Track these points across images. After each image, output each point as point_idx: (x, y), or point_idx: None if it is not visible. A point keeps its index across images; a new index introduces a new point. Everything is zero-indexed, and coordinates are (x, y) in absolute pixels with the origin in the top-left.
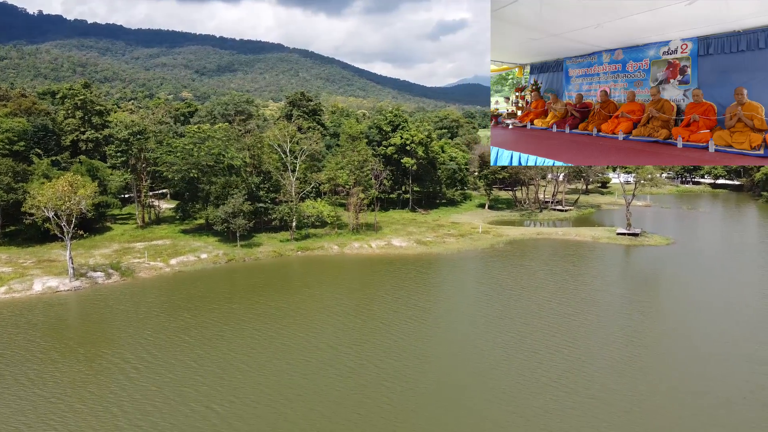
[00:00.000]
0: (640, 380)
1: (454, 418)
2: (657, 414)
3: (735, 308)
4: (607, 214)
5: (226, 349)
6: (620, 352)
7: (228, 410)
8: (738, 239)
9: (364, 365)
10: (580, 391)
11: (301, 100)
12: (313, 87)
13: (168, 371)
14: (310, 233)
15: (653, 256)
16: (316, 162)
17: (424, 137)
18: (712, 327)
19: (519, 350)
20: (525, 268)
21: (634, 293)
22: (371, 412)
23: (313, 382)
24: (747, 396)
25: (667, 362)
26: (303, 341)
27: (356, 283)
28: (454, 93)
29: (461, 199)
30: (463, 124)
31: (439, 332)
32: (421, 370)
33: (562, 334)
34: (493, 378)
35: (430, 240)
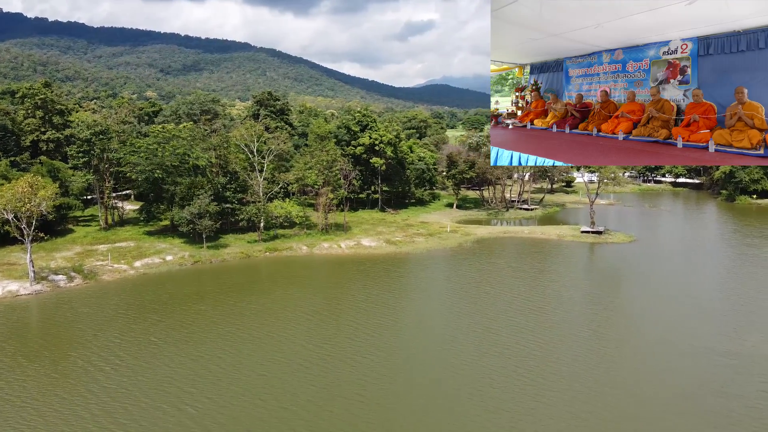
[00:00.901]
0: (605, 372)
1: (427, 411)
2: (620, 404)
3: (695, 302)
4: (571, 212)
5: (198, 349)
6: (586, 345)
7: (203, 411)
8: (698, 236)
9: (336, 363)
10: (549, 383)
11: (269, 99)
12: (281, 86)
13: (138, 373)
14: (279, 234)
15: (616, 254)
16: (284, 162)
17: (393, 137)
18: (673, 320)
19: (489, 345)
20: (493, 266)
21: (599, 289)
22: (344, 408)
23: (286, 380)
24: (708, 386)
25: (630, 354)
26: (274, 341)
27: (326, 283)
28: (422, 94)
29: (430, 199)
30: (432, 124)
31: (410, 329)
32: (394, 366)
33: (530, 328)
34: (465, 372)
35: (399, 239)
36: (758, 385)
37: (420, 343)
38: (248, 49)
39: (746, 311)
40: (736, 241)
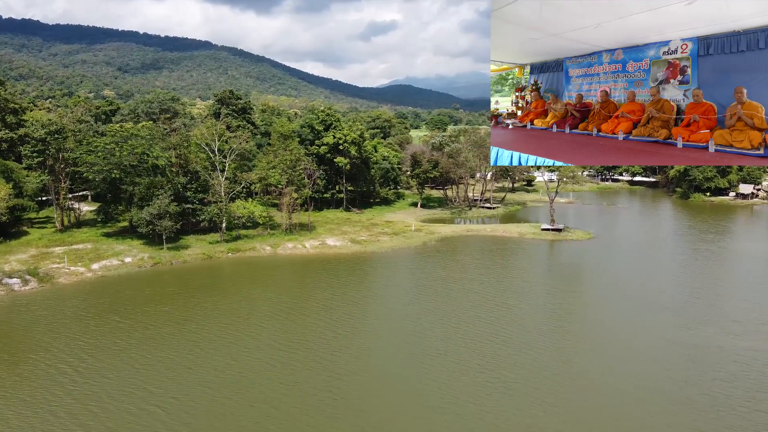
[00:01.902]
0: (568, 364)
1: (396, 405)
2: (583, 394)
3: (653, 296)
4: (532, 210)
5: (162, 350)
6: (549, 338)
7: (170, 411)
8: (654, 232)
9: (303, 361)
10: (514, 375)
11: (230, 98)
12: (243, 85)
13: (102, 375)
14: (241, 234)
15: (576, 250)
16: (246, 161)
17: (357, 137)
18: (632, 314)
19: (456, 339)
20: (457, 264)
21: (560, 284)
22: (313, 405)
23: (254, 379)
24: (667, 375)
25: (591, 347)
26: (241, 341)
27: (291, 283)
28: (386, 93)
29: (394, 198)
30: (396, 124)
31: (377, 326)
32: (362, 362)
33: (495, 323)
34: (433, 366)
35: (364, 239)
36: (714, 374)
37: (387, 340)
38: (209, 48)
39: (702, 304)
40: (691, 237)
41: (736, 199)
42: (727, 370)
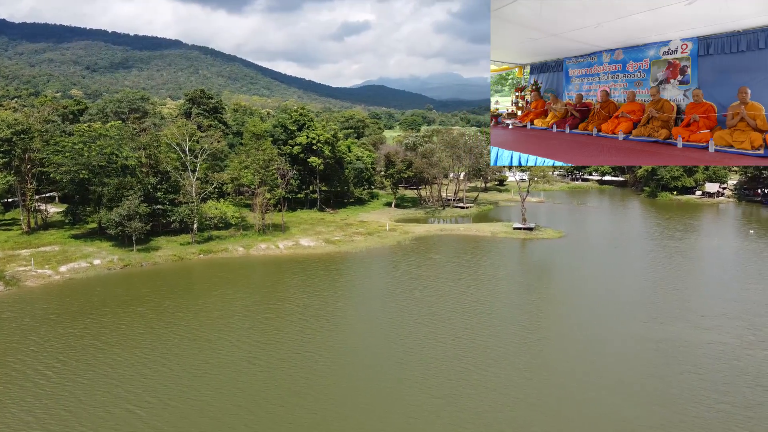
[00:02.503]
0: (541, 358)
1: (373, 399)
2: (557, 387)
3: (623, 292)
4: (504, 210)
5: (138, 351)
6: (522, 334)
7: (151, 411)
8: (623, 230)
9: (280, 360)
10: (489, 369)
11: (202, 97)
12: (215, 85)
13: (79, 377)
14: (213, 235)
15: (547, 248)
16: (218, 161)
17: (331, 137)
18: (602, 309)
19: (432, 335)
20: (432, 262)
21: (532, 282)
22: (293, 403)
23: (232, 377)
24: (637, 368)
25: (564, 341)
26: (216, 340)
27: (265, 284)
28: (359, 94)
29: (369, 198)
30: (369, 124)
31: (352, 325)
32: (338, 360)
33: (470, 319)
34: (409, 362)
35: (338, 239)
36: (682, 367)
37: (364, 338)
38: (179, 47)
39: (670, 300)
40: (659, 235)
41: (702, 197)
42: (695, 363)
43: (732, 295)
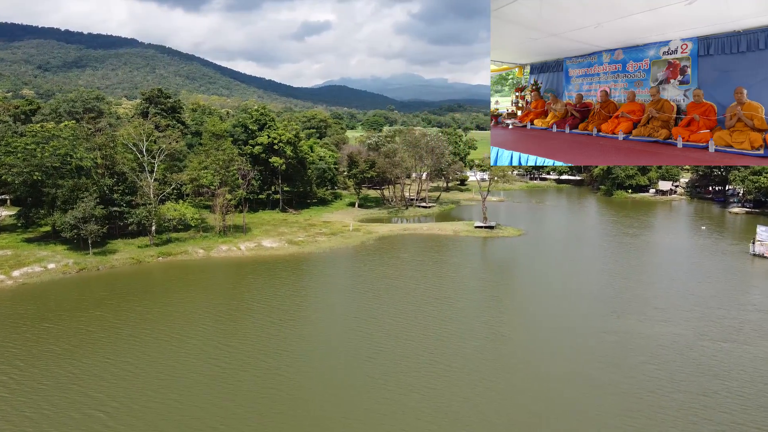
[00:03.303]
0: (504, 352)
1: (342, 397)
2: (519, 379)
3: (581, 287)
4: (465, 209)
5: (98, 355)
6: (486, 329)
7: (113, 415)
8: (581, 228)
9: (245, 361)
10: (454, 364)
11: (159, 96)
12: (172, 84)
13: (38, 382)
14: (172, 237)
15: (508, 246)
16: (176, 162)
17: (293, 136)
18: (562, 304)
19: (398, 332)
20: (396, 261)
21: (494, 278)
22: (257, 402)
23: (197, 380)
24: (596, 360)
25: (526, 336)
26: (178, 343)
27: (226, 286)
28: (321, 94)
29: (332, 199)
30: (332, 124)
31: (318, 325)
32: (304, 360)
33: (435, 316)
34: (377, 360)
35: (301, 239)
36: (638, 357)
37: (330, 337)
38: (135, 45)
39: (627, 293)
40: (616, 231)
41: (656, 195)
42: (652, 354)
43: (685, 289)
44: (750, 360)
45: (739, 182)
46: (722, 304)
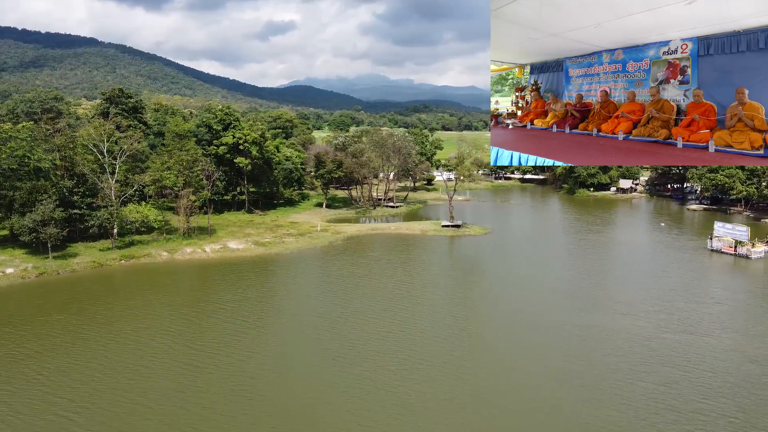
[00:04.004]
0: (472, 345)
1: (312, 394)
2: (489, 372)
3: (546, 284)
4: (432, 208)
5: (64, 359)
6: (455, 324)
7: (87, 417)
8: (545, 225)
9: (212, 362)
10: (425, 358)
11: (120, 96)
12: (133, 84)
13: (5, 384)
14: (135, 240)
15: (474, 244)
16: (138, 163)
17: (258, 136)
18: (529, 300)
19: (368, 330)
20: (365, 261)
21: (462, 276)
22: (225, 402)
23: (166, 382)
24: (562, 353)
25: (494, 330)
26: (145, 346)
27: (191, 289)
28: (286, 94)
29: (299, 199)
30: (298, 124)
31: (286, 326)
32: (272, 360)
33: (404, 313)
34: (346, 357)
35: (268, 241)
36: (602, 350)
37: (298, 336)
38: (95, 45)
39: (590, 289)
40: (579, 229)
41: (617, 193)
42: (615, 347)
43: (647, 284)
44: (709, 351)
45: (696, 180)
46: (682, 297)
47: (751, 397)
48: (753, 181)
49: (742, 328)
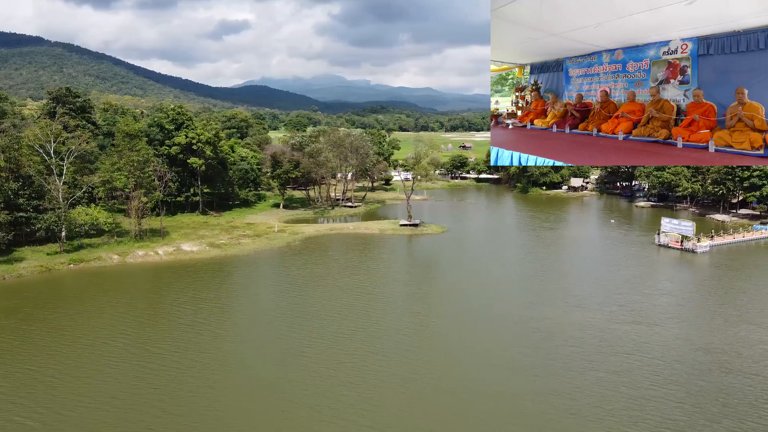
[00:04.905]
0: (431, 341)
1: (262, 401)
2: (447, 365)
3: (503, 279)
4: (391, 208)
5: (12, 365)
6: (416, 319)
7: (44, 420)
8: (500, 223)
9: (166, 366)
10: (388, 352)
11: (67, 96)
12: (81, 84)
13: None
14: (85, 243)
15: (432, 243)
16: (87, 164)
17: (212, 136)
18: (487, 295)
19: (329, 328)
20: (323, 261)
21: (420, 273)
22: (183, 405)
23: (122, 385)
24: (519, 344)
25: (451, 325)
26: (99, 349)
27: (144, 292)
28: (241, 94)
29: (255, 200)
30: (253, 124)
31: (243, 327)
32: (228, 363)
33: (365, 310)
34: (309, 356)
35: (224, 242)
36: (557, 341)
37: (257, 335)
38: (41, 44)
39: (544, 283)
40: (533, 226)
41: (569, 191)
42: (569, 338)
43: (598, 277)
44: (658, 339)
45: (644, 178)
46: (632, 290)
47: (698, 382)
48: (698, 179)
49: (689, 318)
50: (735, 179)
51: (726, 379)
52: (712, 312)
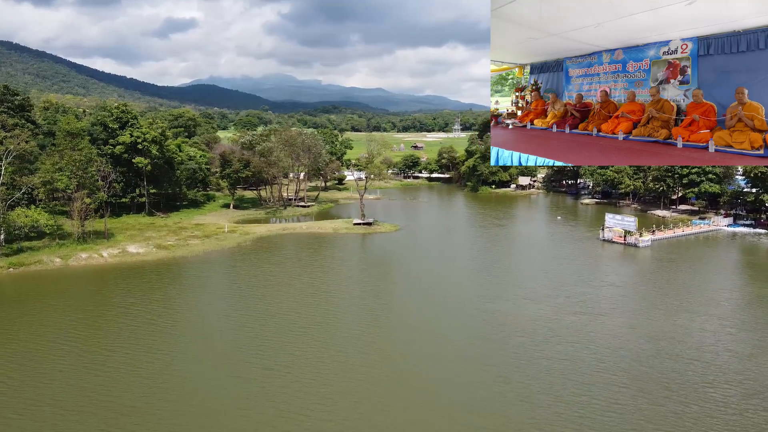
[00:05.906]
0: (387, 336)
1: (216, 402)
2: (402, 357)
3: (456, 275)
4: (344, 207)
5: None
6: (371, 314)
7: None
8: (452, 221)
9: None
10: (345, 347)
11: (5, 94)
12: (20, 83)
13: None
14: (25, 246)
15: (385, 241)
16: (27, 164)
17: (158, 135)
18: (438, 291)
19: (281, 328)
20: (275, 261)
21: (374, 271)
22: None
23: (72, 387)
24: (473, 335)
25: (406, 321)
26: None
27: (87, 295)
28: (189, 93)
29: (204, 200)
30: (202, 123)
31: (193, 328)
32: (179, 364)
33: (319, 308)
34: (265, 355)
35: (171, 243)
36: (508, 332)
37: (209, 335)
38: None
39: (495, 278)
40: (483, 223)
41: (517, 190)
42: (519, 329)
43: (547, 272)
44: (604, 329)
45: (589, 176)
46: (579, 283)
47: (641, 368)
48: (640, 176)
49: (633, 308)
50: (675, 176)
51: (668, 365)
52: (654, 302)
